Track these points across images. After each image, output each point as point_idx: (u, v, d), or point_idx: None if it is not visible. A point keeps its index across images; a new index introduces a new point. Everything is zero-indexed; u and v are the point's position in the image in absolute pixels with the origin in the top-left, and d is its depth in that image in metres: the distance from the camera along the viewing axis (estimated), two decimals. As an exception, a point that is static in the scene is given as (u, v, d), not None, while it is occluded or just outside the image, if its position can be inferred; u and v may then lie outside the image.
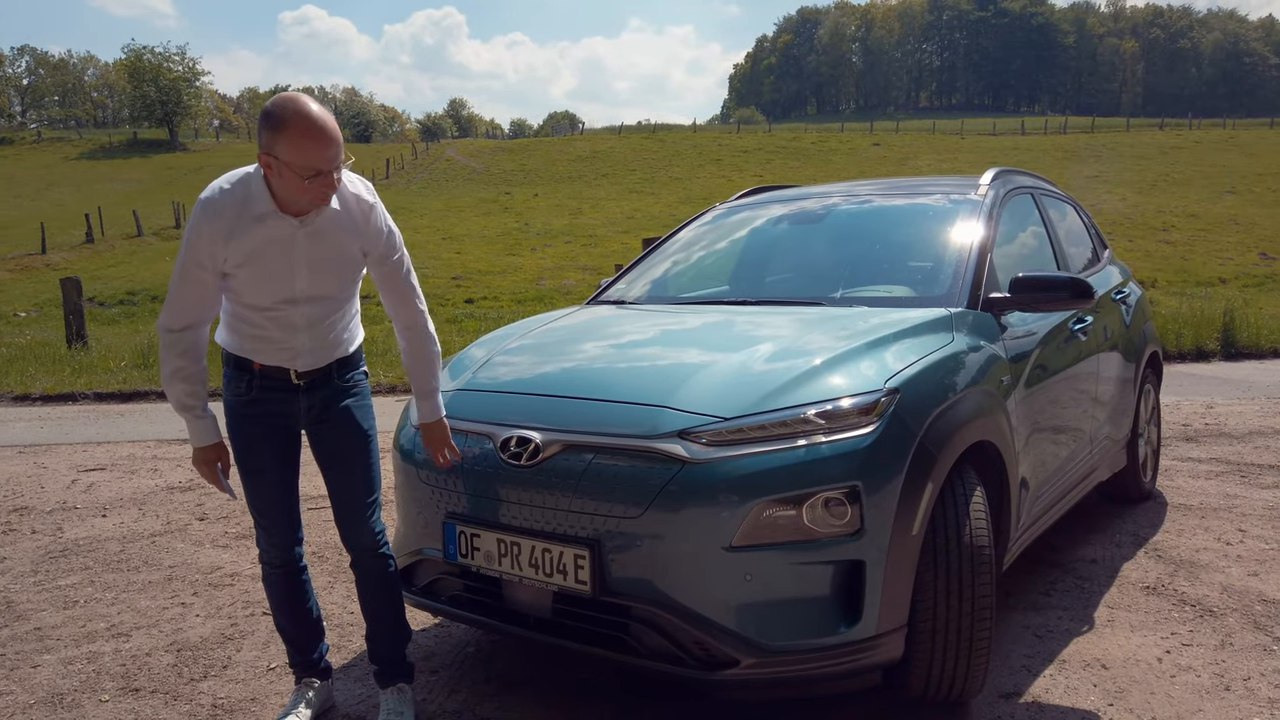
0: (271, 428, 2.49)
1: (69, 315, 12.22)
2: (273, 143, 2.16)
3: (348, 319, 2.54)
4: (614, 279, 4.03)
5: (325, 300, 2.43)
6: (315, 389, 2.49)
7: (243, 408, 2.48)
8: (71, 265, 28.45)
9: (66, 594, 3.73)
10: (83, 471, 5.95)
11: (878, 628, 2.28)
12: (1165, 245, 24.94)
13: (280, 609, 2.66)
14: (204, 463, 2.49)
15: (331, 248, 2.37)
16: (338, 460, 2.55)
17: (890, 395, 2.40)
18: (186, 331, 2.37)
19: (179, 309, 2.35)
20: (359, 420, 2.56)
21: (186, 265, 2.30)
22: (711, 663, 2.27)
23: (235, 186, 2.28)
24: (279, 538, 2.57)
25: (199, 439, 2.47)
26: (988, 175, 3.71)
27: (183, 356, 2.37)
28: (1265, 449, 5.76)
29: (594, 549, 2.34)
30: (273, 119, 2.16)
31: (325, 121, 2.18)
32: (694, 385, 2.48)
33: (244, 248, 2.27)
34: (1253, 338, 10.60)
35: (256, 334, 2.41)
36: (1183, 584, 3.54)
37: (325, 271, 2.39)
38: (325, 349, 2.48)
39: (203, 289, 2.33)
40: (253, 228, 2.26)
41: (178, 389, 2.41)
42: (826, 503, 2.26)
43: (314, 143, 2.16)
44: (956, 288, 3.08)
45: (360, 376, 2.61)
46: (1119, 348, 4.12)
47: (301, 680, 2.70)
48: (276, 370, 2.45)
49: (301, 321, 2.41)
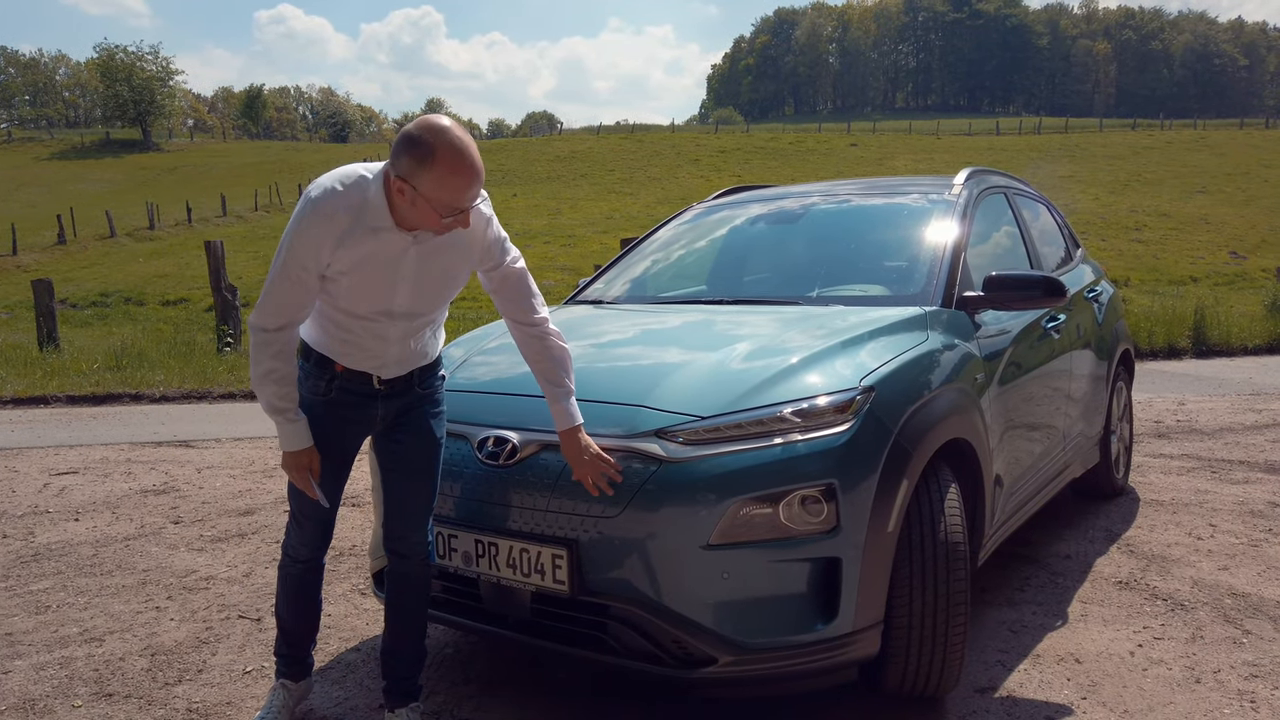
0: (342, 432, 2.42)
1: (40, 317, 12.09)
2: (414, 173, 2.03)
3: (436, 329, 2.49)
4: (591, 279, 4.03)
5: (423, 316, 2.35)
6: (395, 396, 2.42)
7: (318, 406, 2.38)
8: (43, 266, 28.12)
9: (38, 599, 3.68)
10: (55, 475, 5.88)
11: (854, 624, 2.30)
12: (1137, 244, 25.24)
13: (288, 602, 2.61)
14: (296, 468, 2.36)
15: (440, 267, 2.28)
16: (405, 465, 2.47)
17: (865, 393, 2.42)
18: (282, 331, 2.24)
19: (276, 307, 2.22)
20: (434, 429, 2.48)
21: (289, 264, 2.16)
22: (689, 661, 2.28)
23: (351, 191, 2.14)
24: (312, 536, 2.52)
25: (292, 443, 2.33)
26: (961, 175, 3.75)
27: (277, 357, 2.25)
28: (1235, 445, 5.84)
29: (571, 549, 2.34)
30: (419, 148, 2.02)
31: (475, 159, 2.05)
32: (671, 384, 2.49)
33: (352, 256, 2.16)
34: (1223, 335, 10.76)
35: (346, 338, 2.33)
36: (1155, 579, 3.58)
37: (428, 290, 2.31)
38: (412, 358, 2.41)
39: (303, 289, 2.21)
40: (365, 238, 2.15)
41: (269, 390, 2.27)
42: (803, 500, 2.27)
43: (463, 181, 2.05)
44: (931, 286, 3.11)
45: (439, 382, 2.54)
46: (1091, 345, 4.16)
47: (280, 679, 2.65)
48: (359, 375, 2.37)
49: (395, 334, 2.33)
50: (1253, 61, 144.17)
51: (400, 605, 2.56)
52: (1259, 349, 10.71)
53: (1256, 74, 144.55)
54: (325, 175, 2.20)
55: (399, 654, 2.57)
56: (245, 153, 64.37)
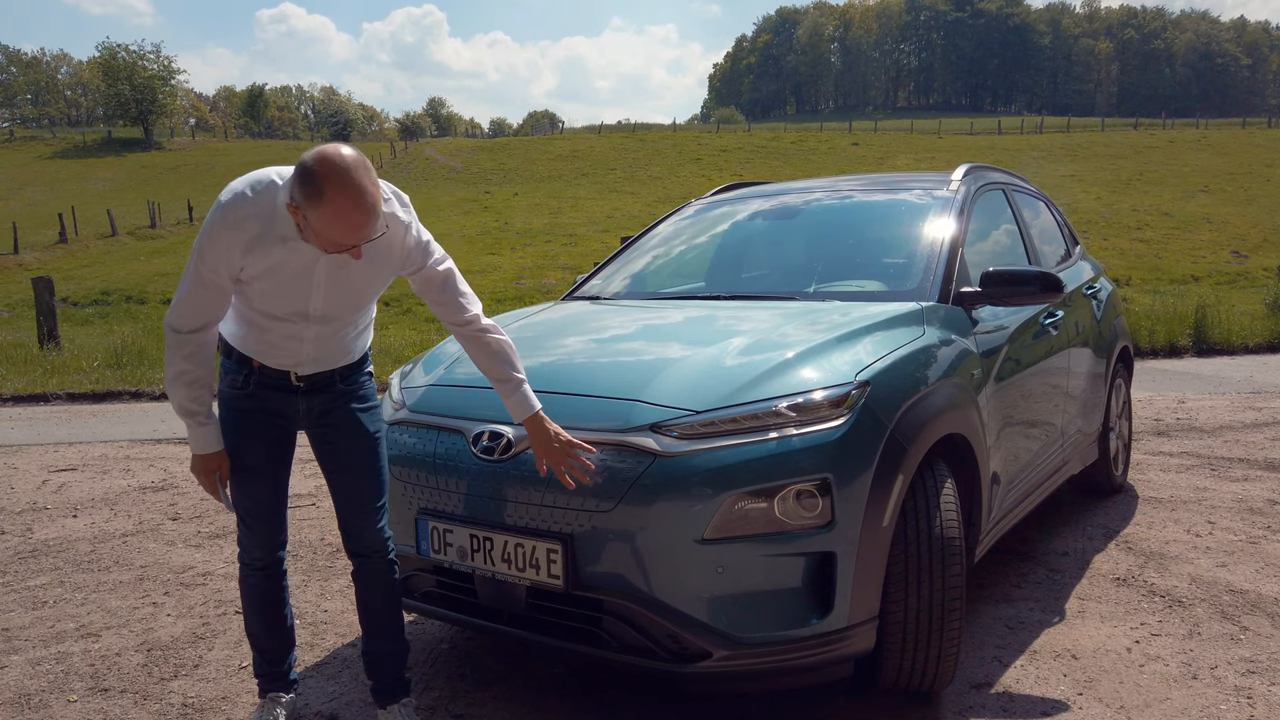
0: (267, 426, 2.40)
1: (41, 315, 12.08)
2: (305, 206, 1.98)
3: (360, 329, 2.45)
4: (589, 274, 4.03)
5: (339, 320, 2.34)
6: (316, 392, 2.41)
7: (238, 401, 2.39)
8: (44, 265, 28.13)
9: (35, 594, 3.69)
10: (54, 472, 5.88)
11: (849, 619, 2.30)
12: (1140, 243, 25.18)
13: (254, 613, 2.54)
14: (204, 471, 2.36)
15: (356, 275, 2.25)
16: (344, 464, 2.46)
17: (861, 388, 2.41)
18: (196, 333, 2.24)
19: (190, 309, 2.21)
20: (365, 424, 2.46)
21: (200, 269, 2.15)
22: (684, 656, 2.27)
23: (260, 198, 2.11)
24: (263, 538, 2.47)
25: (200, 446, 2.34)
26: (959, 171, 3.74)
27: (189, 360, 2.25)
28: (1235, 443, 5.83)
29: (566, 543, 2.34)
30: (311, 184, 1.96)
31: (365, 203, 1.98)
32: (666, 379, 2.48)
33: (263, 263, 2.15)
34: (1224, 334, 10.73)
35: (263, 337, 2.32)
36: (1152, 575, 3.58)
37: (345, 296, 2.29)
38: (331, 357, 2.40)
39: (217, 292, 2.20)
40: (274, 246, 2.13)
41: (181, 393, 2.29)
42: (798, 495, 2.26)
43: (349, 224, 1.98)
44: (927, 282, 3.10)
45: (365, 379, 2.51)
46: (1090, 342, 4.15)
47: (267, 694, 2.59)
48: (277, 371, 2.37)
49: (311, 335, 2.32)
50: (1255, 61, 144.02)
51: (371, 605, 2.55)
52: (1260, 348, 10.68)
53: (1259, 73, 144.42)
54: (239, 179, 2.15)
55: (380, 653, 2.55)
56: (247, 152, 64.37)
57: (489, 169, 52.30)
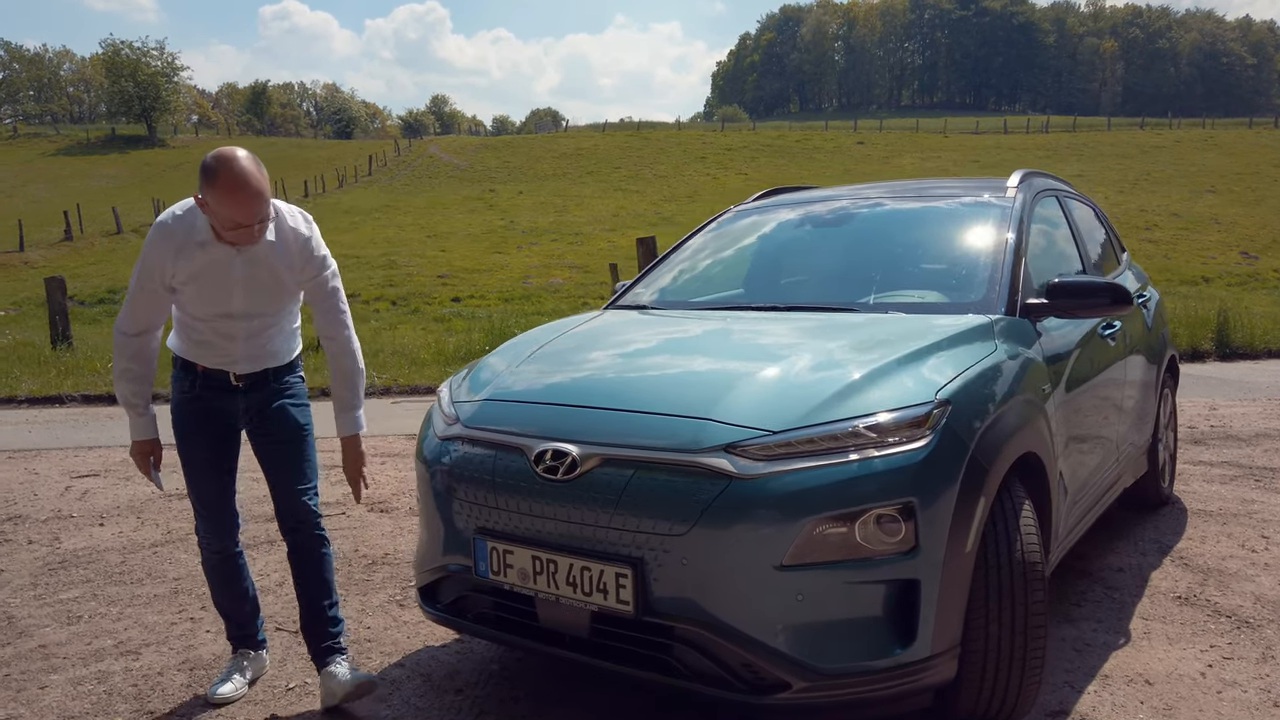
0: (213, 423, 2.79)
1: (54, 315, 12.00)
2: (205, 190, 2.47)
3: (285, 333, 2.83)
4: (633, 282, 3.93)
5: (261, 316, 2.72)
6: (254, 390, 2.78)
7: (187, 404, 2.79)
8: (50, 263, 28.09)
9: (69, 608, 3.60)
10: (76, 478, 5.80)
11: (932, 648, 2.21)
12: (1149, 244, 25.09)
13: (218, 589, 2.93)
14: (139, 454, 2.85)
15: (266, 274, 2.66)
16: (277, 454, 2.79)
17: (942, 407, 2.32)
18: (139, 336, 2.72)
19: (134, 315, 2.69)
20: (295, 417, 2.82)
21: (141, 278, 2.63)
22: (761, 686, 2.19)
23: (186, 214, 2.59)
24: (215, 525, 2.85)
25: (138, 433, 2.83)
26: (1014, 177, 3.64)
27: (133, 359, 2.74)
28: (1275, 452, 5.74)
29: (637, 568, 2.25)
30: (208, 171, 2.46)
31: (251, 183, 2.45)
32: (736, 396, 2.39)
33: (189, 268, 2.60)
34: (1247, 338, 10.64)
35: (199, 339, 2.73)
36: (1214, 593, 3.49)
37: (260, 294, 2.68)
38: (262, 357, 2.77)
39: (155, 299, 2.66)
40: (196, 252, 2.58)
41: (124, 387, 2.78)
42: (879, 519, 2.18)
43: (237, 200, 2.44)
44: (993, 294, 3.01)
45: (296, 380, 2.88)
46: (1142, 352, 4.07)
47: (238, 650, 2.94)
48: (218, 372, 2.75)
49: (239, 333, 2.71)
50: (1260, 60, 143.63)
51: (304, 578, 2.82)
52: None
53: (1264, 73, 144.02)
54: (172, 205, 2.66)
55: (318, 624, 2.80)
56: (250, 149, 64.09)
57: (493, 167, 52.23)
